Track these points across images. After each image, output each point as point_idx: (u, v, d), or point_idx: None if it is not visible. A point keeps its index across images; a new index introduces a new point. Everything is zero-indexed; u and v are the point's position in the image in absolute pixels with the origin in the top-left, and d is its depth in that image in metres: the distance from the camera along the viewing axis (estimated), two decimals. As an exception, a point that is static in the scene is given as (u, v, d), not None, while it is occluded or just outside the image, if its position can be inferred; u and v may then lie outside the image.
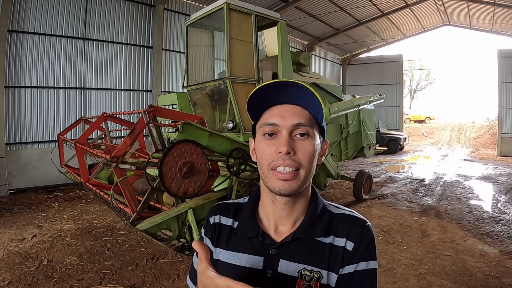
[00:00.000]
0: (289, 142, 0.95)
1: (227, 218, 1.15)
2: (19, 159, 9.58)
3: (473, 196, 9.50)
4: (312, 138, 0.99)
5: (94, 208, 8.03)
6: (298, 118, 0.98)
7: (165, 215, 3.68)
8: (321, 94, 7.87)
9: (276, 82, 0.99)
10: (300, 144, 0.97)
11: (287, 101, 1.00)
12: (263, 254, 1.03)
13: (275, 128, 0.98)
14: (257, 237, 1.05)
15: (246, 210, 1.12)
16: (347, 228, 1.03)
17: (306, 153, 0.97)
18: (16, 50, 9.46)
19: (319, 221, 1.05)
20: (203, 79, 7.24)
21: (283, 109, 1.00)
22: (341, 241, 1.02)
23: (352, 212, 1.10)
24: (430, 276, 4.73)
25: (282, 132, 0.97)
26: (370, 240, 1.02)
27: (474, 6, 17.39)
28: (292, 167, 0.95)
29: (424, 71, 50.69)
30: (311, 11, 17.37)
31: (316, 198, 1.10)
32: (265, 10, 6.77)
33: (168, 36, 13.19)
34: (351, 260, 0.99)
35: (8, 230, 6.46)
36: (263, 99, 1.02)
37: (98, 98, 11.39)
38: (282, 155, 0.95)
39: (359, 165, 15.29)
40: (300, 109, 1.00)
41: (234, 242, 1.09)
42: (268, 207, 1.06)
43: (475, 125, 31.77)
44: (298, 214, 1.05)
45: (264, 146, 0.99)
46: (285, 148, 0.94)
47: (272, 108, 1.02)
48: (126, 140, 3.57)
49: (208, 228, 1.17)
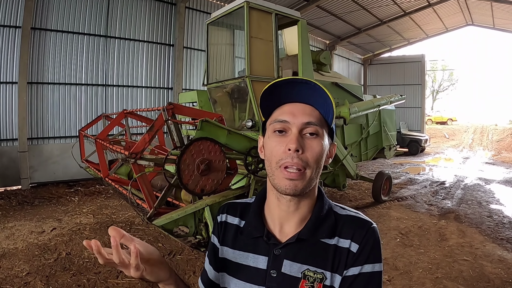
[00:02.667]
0: (299, 140, 0.95)
1: (234, 217, 1.16)
2: (41, 154, 9.78)
3: (494, 200, 9.31)
4: (321, 138, 0.99)
5: (113, 203, 8.14)
6: (309, 117, 0.98)
7: (182, 212, 3.70)
8: (341, 93, 7.82)
9: (289, 79, 0.99)
10: (309, 143, 0.97)
11: (298, 100, 1.00)
12: (267, 254, 1.04)
13: (285, 126, 0.98)
14: (262, 237, 1.05)
15: (252, 209, 1.12)
16: (352, 229, 1.02)
17: (314, 153, 0.96)
18: (39, 47, 9.68)
19: (324, 223, 1.04)
20: (223, 77, 7.25)
21: (294, 107, 1.00)
22: (346, 242, 1.01)
23: (358, 213, 1.09)
24: (447, 280, 4.66)
25: (292, 130, 0.97)
26: (376, 242, 1.01)
27: (498, 6, 17.07)
28: (299, 167, 0.95)
29: (447, 71, 50.04)
30: (333, 10, 17.27)
31: (322, 198, 1.09)
32: (285, 8, 6.75)
33: (190, 34, 13.28)
34: (355, 262, 0.98)
35: (28, 223, 6.60)
36: (276, 96, 1.02)
37: (120, 95, 11.56)
38: (291, 153, 0.94)
39: (379, 166, 15.14)
40: (311, 109, 1.00)
41: (240, 241, 1.10)
42: (274, 206, 1.06)
43: (498, 128, 31.11)
44: (303, 214, 1.05)
45: (274, 143, 0.99)
46: (294, 145, 0.94)
47: (283, 106, 1.02)
48: (145, 136, 3.59)
49: (215, 227, 1.19)
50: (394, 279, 4.68)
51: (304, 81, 0.98)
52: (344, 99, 7.42)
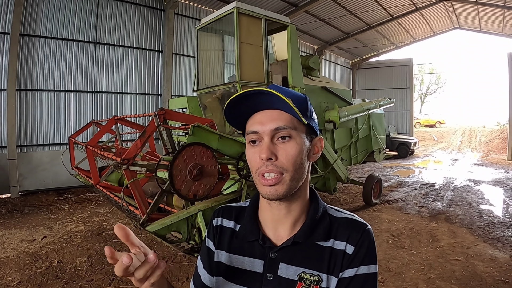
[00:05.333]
0: (270, 148, 0.96)
1: (229, 220, 1.16)
2: (30, 161, 9.69)
3: (484, 201, 9.41)
4: (295, 140, 0.98)
5: (104, 210, 8.09)
6: (277, 122, 0.97)
7: (175, 217, 3.69)
8: (331, 98, 7.87)
9: (243, 93, 0.97)
10: (282, 147, 0.97)
11: (266, 107, 1.00)
12: (263, 258, 1.04)
13: (257, 136, 0.98)
14: (257, 240, 1.06)
15: (247, 213, 1.13)
16: (348, 231, 1.03)
17: (288, 156, 0.97)
18: (28, 54, 9.62)
19: (319, 225, 1.05)
20: (213, 83, 7.26)
21: (262, 115, 1.00)
22: (341, 244, 1.02)
23: (352, 215, 1.10)
24: (440, 280, 4.69)
25: (264, 138, 0.97)
26: (371, 243, 1.02)
27: (483, 9, 17.30)
28: (275, 173, 0.96)
29: (434, 75, 50.47)
30: (321, 15, 17.41)
31: (316, 201, 1.10)
32: (274, 14, 6.79)
33: (179, 40, 13.30)
34: (351, 264, 0.99)
35: (18, 231, 6.54)
36: (243, 108, 1.02)
37: (109, 102, 11.51)
38: (264, 162, 0.96)
39: (369, 169, 15.24)
40: (279, 113, 0.99)
41: (236, 245, 1.11)
42: (266, 210, 1.07)
43: (486, 129, 31.49)
44: (296, 216, 1.06)
45: (250, 154, 1.00)
46: (265, 155, 0.95)
47: (253, 116, 1.02)
48: (137, 142, 3.59)
49: (210, 230, 1.19)
50: (387, 281, 4.71)
51: (259, 92, 0.97)
52: (334, 103, 7.48)
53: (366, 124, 9.21)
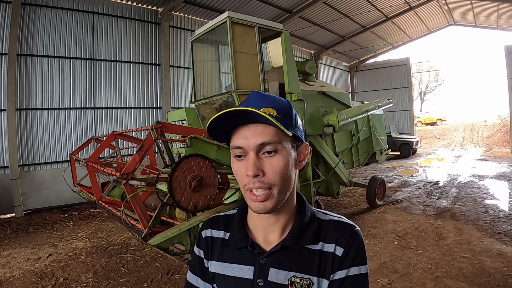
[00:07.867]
0: (256, 164, 0.95)
1: (218, 231, 1.17)
2: (33, 180, 9.71)
3: (489, 196, 9.40)
4: (281, 153, 0.98)
5: (108, 226, 8.09)
6: (262, 137, 0.96)
7: (177, 229, 3.70)
8: (329, 102, 7.85)
9: (223, 113, 0.96)
10: (269, 162, 0.97)
11: (249, 121, 0.98)
12: (253, 264, 1.05)
13: (242, 151, 0.98)
14: (246, 247, 1.07)
15: (235, 221, 1.14)
16: (336, 233, 1.04)
17: (275, 171, 0.96)
18: (26, 73, 9.67)
19: (307, 229, 1.06)
20: (210, 94, 7.26)
21: (247, 130, 0.98)
22: (331, 247, 1.03)
23: (340, 217, 1.11)
24: (448, 279, 4.67)
25: (250, 154, 0.97)
26: (360, 244, 1.03)
27: (477, 3, 17.39)
28: (263, 189, 0.95)
29: (433, 72, 50.51)
30: (316, 20, 17.45)
31: (304, 206, 1.11)
32: (268, 21, 6.80)
33: (175, 52, 13.32)
34: (341, 266, 1.00)
35: (24, 250, 6.54)
36: (226, 125, 1.00)
37: (109, 117, 11.54)
38: (251, 179, 0.95)
39: (372, 171, 15.22)
40: (263, 127, 0.97)
41: (226, 253, 1.11)
42: (255, 217, 1.08)
43: (487, 124, 31.50)
44: (285, 221, 1.07)
45: (236, 168, 1.01)
46: (252, 172, 0.95)
47: (238, 129, 1.00)
48: (135, 157, 3.60)
49: (201, 242, 1.19)
50: (394, 282, 4.68)
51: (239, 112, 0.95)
52: (332, 107, 7.47)
53: (366, 126, 9.20)
